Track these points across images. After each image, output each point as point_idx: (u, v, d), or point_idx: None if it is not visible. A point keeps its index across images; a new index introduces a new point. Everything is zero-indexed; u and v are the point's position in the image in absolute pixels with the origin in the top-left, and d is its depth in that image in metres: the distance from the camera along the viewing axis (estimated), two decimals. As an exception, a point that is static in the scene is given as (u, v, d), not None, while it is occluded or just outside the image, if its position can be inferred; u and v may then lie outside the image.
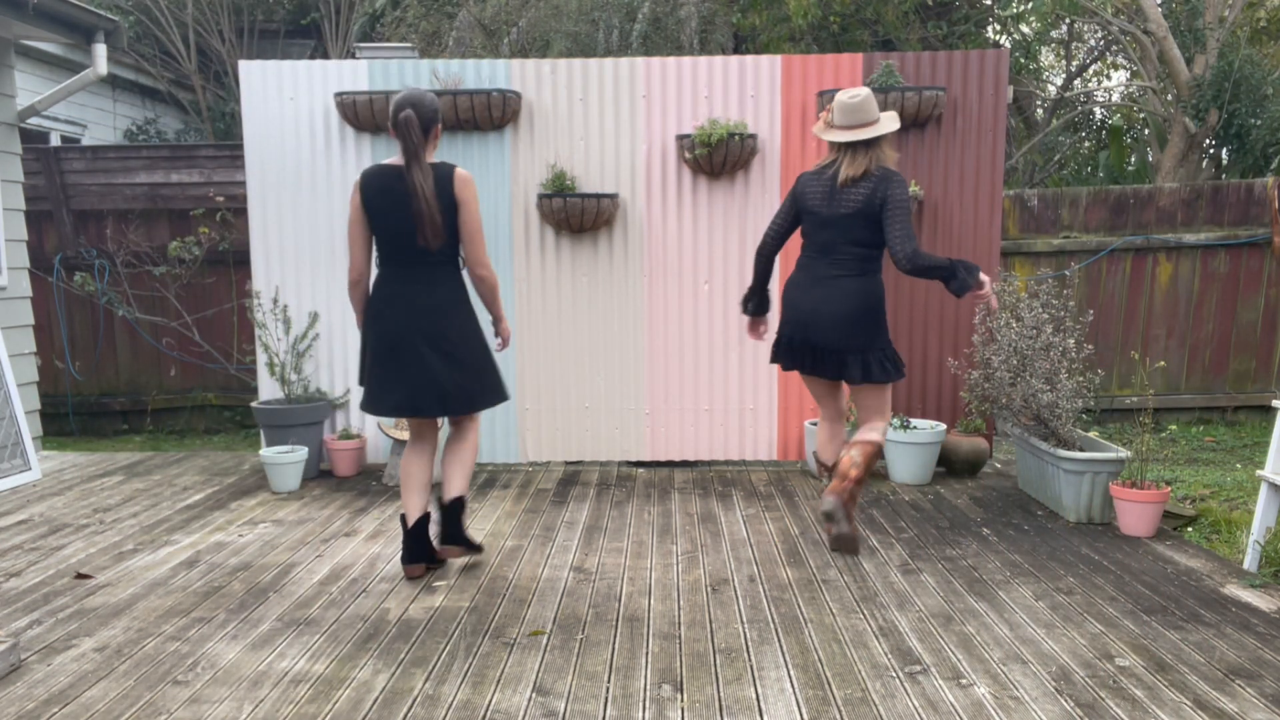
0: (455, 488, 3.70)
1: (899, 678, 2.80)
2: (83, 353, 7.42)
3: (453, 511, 3.70)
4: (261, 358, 5.53)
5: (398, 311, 3.50)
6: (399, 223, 3.45)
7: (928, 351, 5.53)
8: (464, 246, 3.56)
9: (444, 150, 5.42)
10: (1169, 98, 9.20)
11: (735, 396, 5.59)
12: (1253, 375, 7.36)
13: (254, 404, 5.38)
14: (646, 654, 2.99)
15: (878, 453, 3.92)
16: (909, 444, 5.08)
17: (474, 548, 3.81)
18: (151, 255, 7.17)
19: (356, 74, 5.41)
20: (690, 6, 9.06)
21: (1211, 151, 9.59)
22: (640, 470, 5.58)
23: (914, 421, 5.29)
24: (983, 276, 3.67)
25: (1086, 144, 12.01)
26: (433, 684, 2.78)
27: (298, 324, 5.54)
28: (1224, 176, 9.43)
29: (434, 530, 3.80)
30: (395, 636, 3.13)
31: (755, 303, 4.16)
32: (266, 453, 5.02)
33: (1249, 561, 3.80)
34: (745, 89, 5.41)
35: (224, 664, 2.93)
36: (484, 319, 4.12)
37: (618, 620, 3.26)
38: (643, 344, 5.56)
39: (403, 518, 3.65)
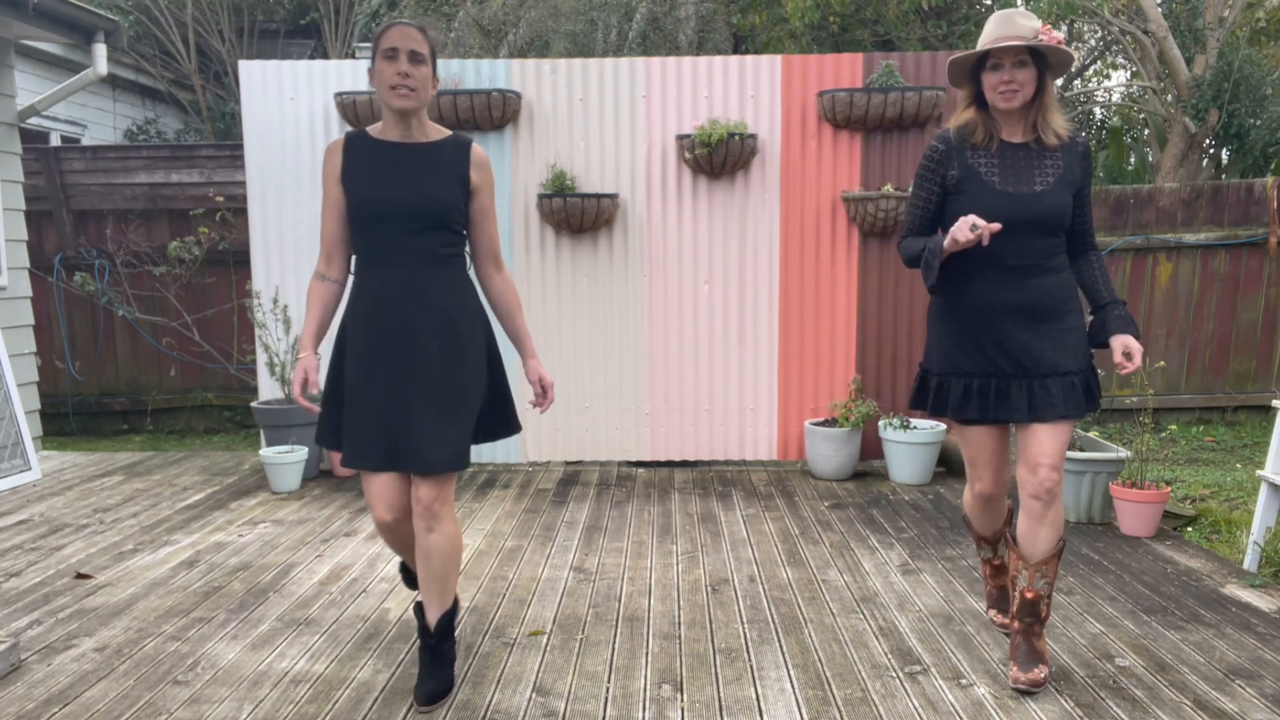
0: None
1: (899, 678, 2.80)
2: (83, 353, 7.42)
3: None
4: (261, 358, 5.53)
5: None
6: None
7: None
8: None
9: (444, 150, 5.42)
10: (1169, 98, 9.20)
11: (735, 396, 5.59)
12: (1253, 375, 7.35)
13: (254, 404, 5.38)
14: (646, 654, 2.99)
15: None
16: (909, 444, 5.08)
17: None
18: (151, 255, 7.16)
19: (357, 74, 5.41)
20: (689, 6, 9.06)
21: (1211, 151, 9.58)
22: (640, 470, 5.58)
23: (914, 421, 5.28)
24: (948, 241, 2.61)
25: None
26: (433, 684, 2.78)
27: (298, 324, 5.53)
28: (1224, 176, 9.43)
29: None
30: (395, 636, 3.13)
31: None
32: (266, 453, 5.02)
33: (1249, 561, 3.80)
34: (745, 89, 5.41)
35: (224, 664, 2.93)
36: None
37: (618, 620, 3.26)
38: (643, 344, 5.56)
39: (419, 613, 2.76)
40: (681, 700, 2.68)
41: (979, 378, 2.71)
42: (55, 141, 8.86)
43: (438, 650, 2.72)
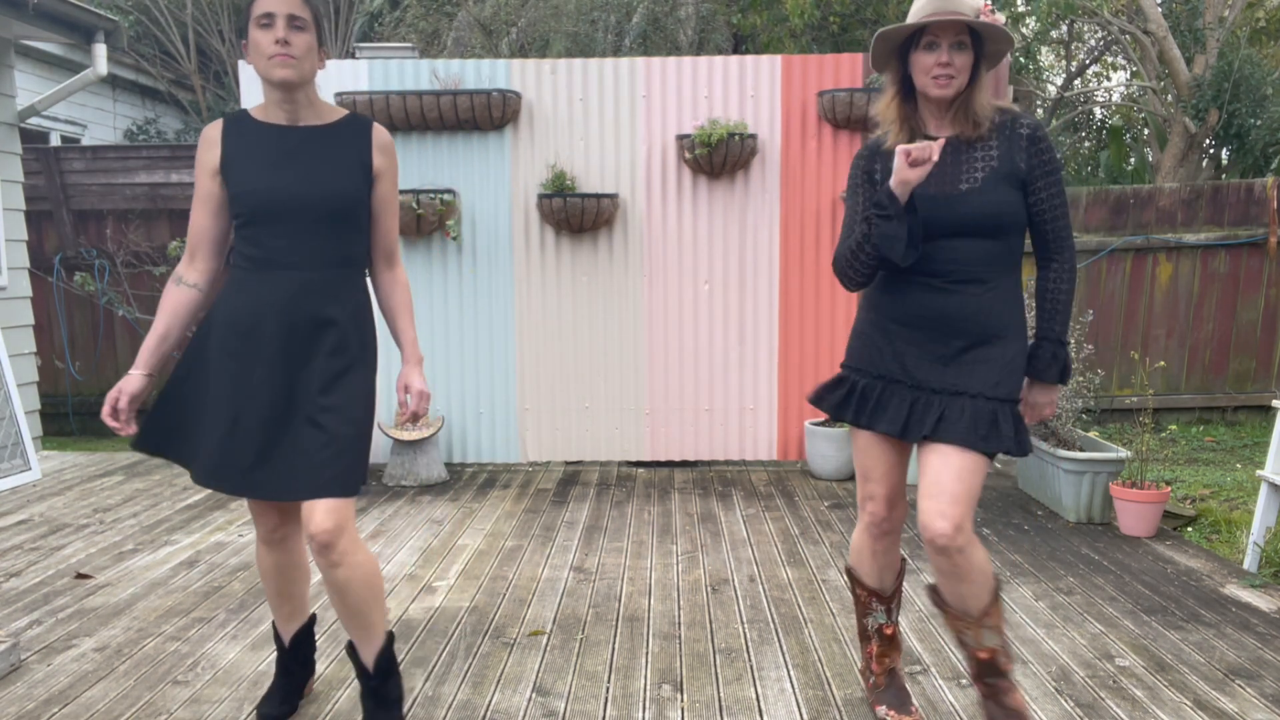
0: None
1: (899, 678, 2.80)
2: (83, 353, 7.42)
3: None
4: (261, 358, 5.52)
5: None
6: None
7: (928, 351, 5.53)
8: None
9: (444, 150, 5.43)
10: (1169, 98, 9.20)
11: (735, 396, 5.59)
12: (1253, 375, 7.36)
13: (254, 404, 5.37)
14: (646, 654, 2.99)
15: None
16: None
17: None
18: (151, 255, 7.16)
19: (357, 74, 5.41)
20: (689, 6, 9.06)
21: (1211, 151, 9.59)
22: (640, 470, 5.58)
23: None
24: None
25: (1086, 144, 12.01)
26: (433, 684, 2.78)
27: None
28: (1224, 176, 9.44)
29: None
30: (395, 637, 3.13)
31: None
32: (266, 453, 5.01)
33: (1249, 561, 3.80)
34: (745, 89, 5.41)
35: (224, 664, 2.93)
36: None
37: (618, 620, 3.26)
38: (643, 344, 5.56)
39: (352, 653, 2.42)
40: (681, 700, 2.68)
41: (877, 379, 2.35)
42: (55, 141, 8.85)
43: (379, 692, 2.39)
